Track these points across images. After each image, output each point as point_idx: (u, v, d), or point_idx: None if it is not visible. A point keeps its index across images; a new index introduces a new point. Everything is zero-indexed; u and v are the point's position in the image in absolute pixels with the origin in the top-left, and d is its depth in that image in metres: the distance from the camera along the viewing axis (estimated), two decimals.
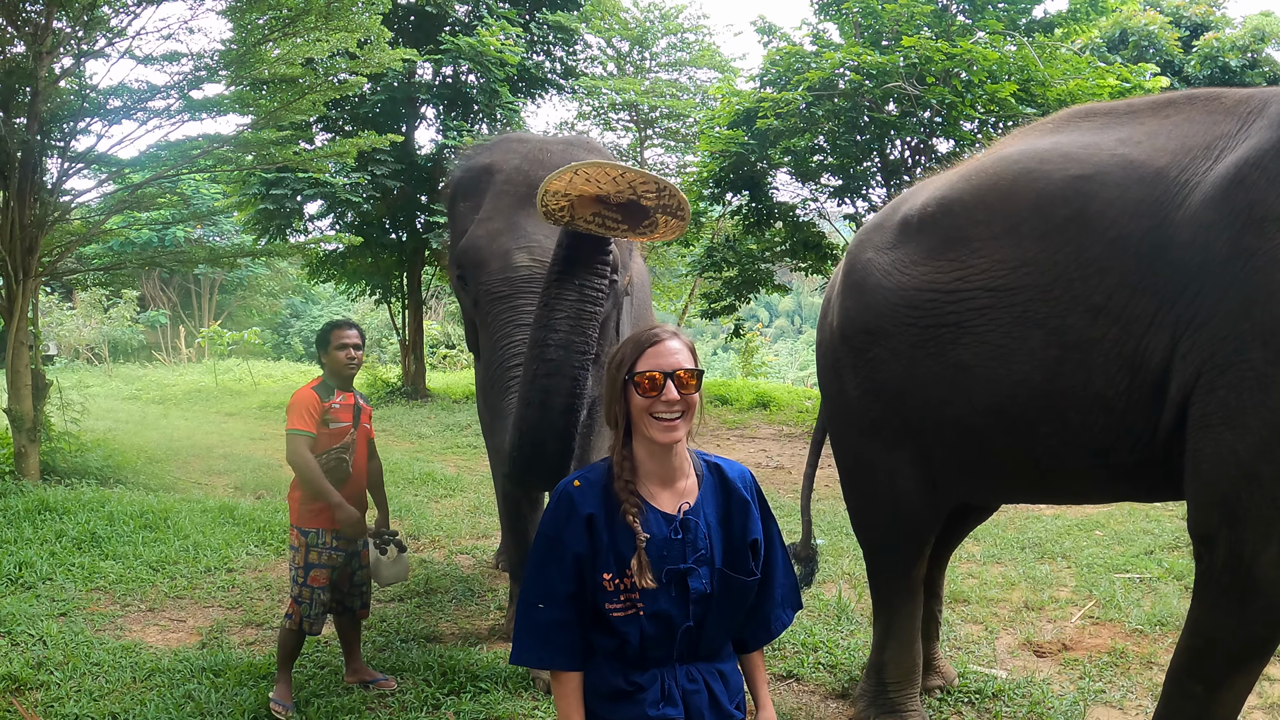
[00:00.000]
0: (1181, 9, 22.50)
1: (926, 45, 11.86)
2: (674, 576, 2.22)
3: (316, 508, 4.31)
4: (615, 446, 2.29)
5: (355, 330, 4.49)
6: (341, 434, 4.39)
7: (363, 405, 4.57)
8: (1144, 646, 5.10)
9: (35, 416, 8.44)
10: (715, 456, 2.40)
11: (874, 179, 14.38)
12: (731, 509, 2.33)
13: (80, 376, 20.79)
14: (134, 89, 9.07)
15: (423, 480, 9.64)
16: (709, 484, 2.33)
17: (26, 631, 5.10)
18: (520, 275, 4.09)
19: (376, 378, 18.36)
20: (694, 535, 2.25)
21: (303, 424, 4.28)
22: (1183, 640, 3.12)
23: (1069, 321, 3.08)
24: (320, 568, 4.33)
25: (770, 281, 15.38)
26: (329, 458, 4.33)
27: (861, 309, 3.77)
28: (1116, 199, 3.05)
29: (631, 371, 2.20)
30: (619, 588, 2.19)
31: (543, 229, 4.08)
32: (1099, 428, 3.12)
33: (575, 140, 4.49)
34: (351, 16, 9.31)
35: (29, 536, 6.76)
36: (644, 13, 21.47)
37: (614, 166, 2.80)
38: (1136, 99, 3.46)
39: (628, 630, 2.21)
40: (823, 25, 15.67)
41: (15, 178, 8.34)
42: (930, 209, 3.59)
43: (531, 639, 2.24)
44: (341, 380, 4.46)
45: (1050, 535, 7.48)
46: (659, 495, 2.26)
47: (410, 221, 17.01)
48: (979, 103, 12.20)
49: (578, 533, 2.20)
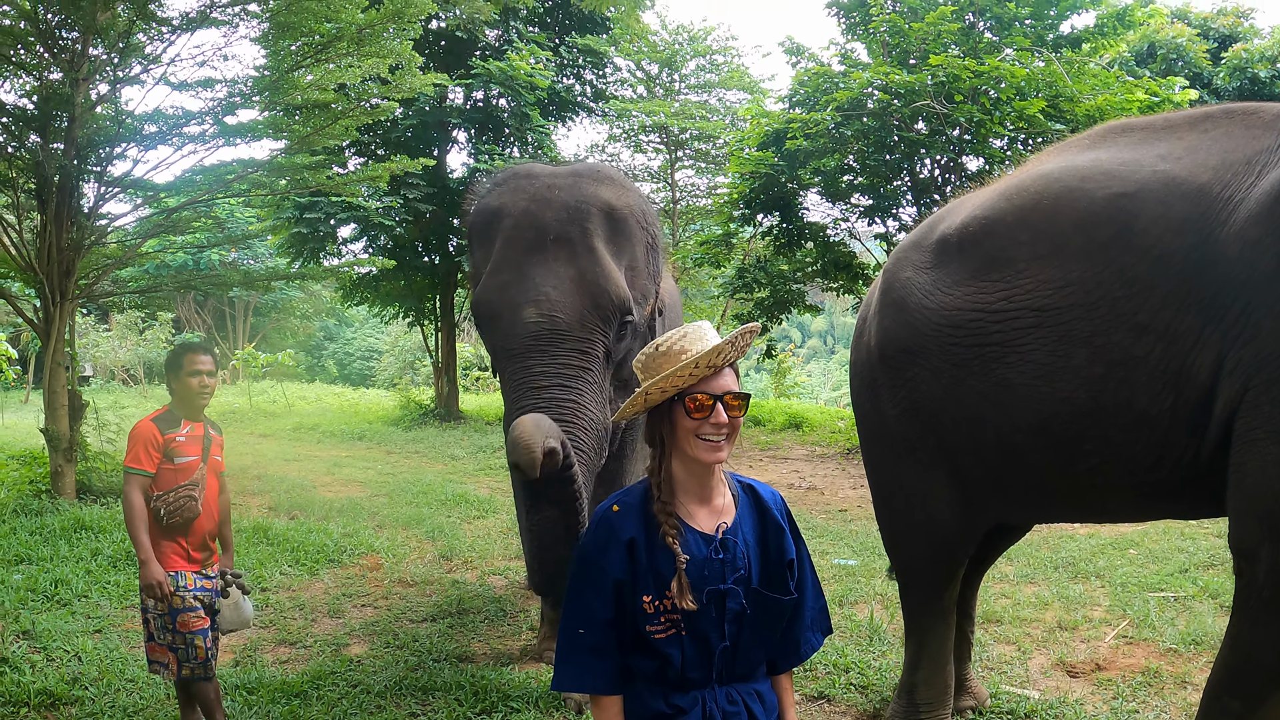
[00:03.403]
0: (1209, 20, 22.36)
1: (954, 63, 11.84)
2: (714, 597, 2.22)
3: (171, 548, 4.00)
4: (653, 467, 2.30)
5: (209, 356, 4.18)
6: (190, 469, 4.04)
7: (213, 435, 4.23)
8: (1178, 666, 5.03)
9: (72, 436, 8.54)
10: (746, 478, 2.41)
11: (904, 198, 14.33)
12: (767, 529, 2.33)
13: (115, 397, 20.97)
14: (169, 115, 9.20)
15: (456, 501, 9.67)
16: (745, 504, 2.34)
17: (62, 648, 5.14)
18: (529, 332, 4.01)
19: (410, 399, 18.47)
20: (733, 555, 2.25)
21: (138, 461, 3.94)
22: (1221, 656, 3.08)
23: (1114, 339, 3.07)
24: (189, 611, 3.96)
25: (802, 302, 15.33)
26: (176, 495, 3.99)
27: (901, 328, 3.75)
28: (1160, 216, 3.04)
29: (682, 393, 2.21)
30: (659, 609, 2.19)
31: (550, 280, 4.01)
32: (1142, 445, 3.10)
33: (583, 171, 4.41)
34: (383, 43, 9.42)
35: (65, 554, 6.83)
36: (673, 35, 21.56)
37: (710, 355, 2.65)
38: (1173, 113, 3.44)
39: (670, 651, 2.21)
40: (850, 45, 15.68)
41: (53, 202, 8.48)
42: (972, 229, 3.57)
43: (572, 664, 2.25)
44: (190, 409, 4.12)
45: (1084, 554, 7.39)
46: (696, 514, 2.26)
47: (443, 244, 17.15)
48: (1008, 120, 12.16)
49: (618, 558, 2.21)
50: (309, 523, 8.23)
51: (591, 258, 4.01)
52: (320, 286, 31.45)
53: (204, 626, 3.98)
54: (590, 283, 3.95)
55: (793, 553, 2.35)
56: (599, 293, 3.94)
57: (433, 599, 6.36)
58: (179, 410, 4.11)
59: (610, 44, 18.35)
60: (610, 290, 3.95)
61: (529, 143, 16.68)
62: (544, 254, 4.04)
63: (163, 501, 3.95)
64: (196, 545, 4.07)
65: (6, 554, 6.76)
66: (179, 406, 4.11)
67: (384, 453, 14.36)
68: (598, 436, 3.89)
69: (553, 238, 4.06)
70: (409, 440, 15.46)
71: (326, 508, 9.09)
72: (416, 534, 8.18)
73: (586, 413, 3.82)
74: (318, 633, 5.65)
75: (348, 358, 46.55)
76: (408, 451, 14.38)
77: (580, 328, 3.92)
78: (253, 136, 10.08)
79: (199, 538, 4.07)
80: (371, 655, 5.23)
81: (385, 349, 43.27)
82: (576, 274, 3.98)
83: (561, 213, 4.11)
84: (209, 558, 4.14)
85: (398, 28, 9.47)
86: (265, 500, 9.55)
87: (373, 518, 8.78)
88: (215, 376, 4.21)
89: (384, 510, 9.13)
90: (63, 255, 8.48)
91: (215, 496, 4.19)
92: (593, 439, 3.85)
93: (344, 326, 47.07)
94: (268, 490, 10.03)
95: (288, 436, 16.80)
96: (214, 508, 4.17)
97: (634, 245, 4.23)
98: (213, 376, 4.16)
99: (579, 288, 3.95)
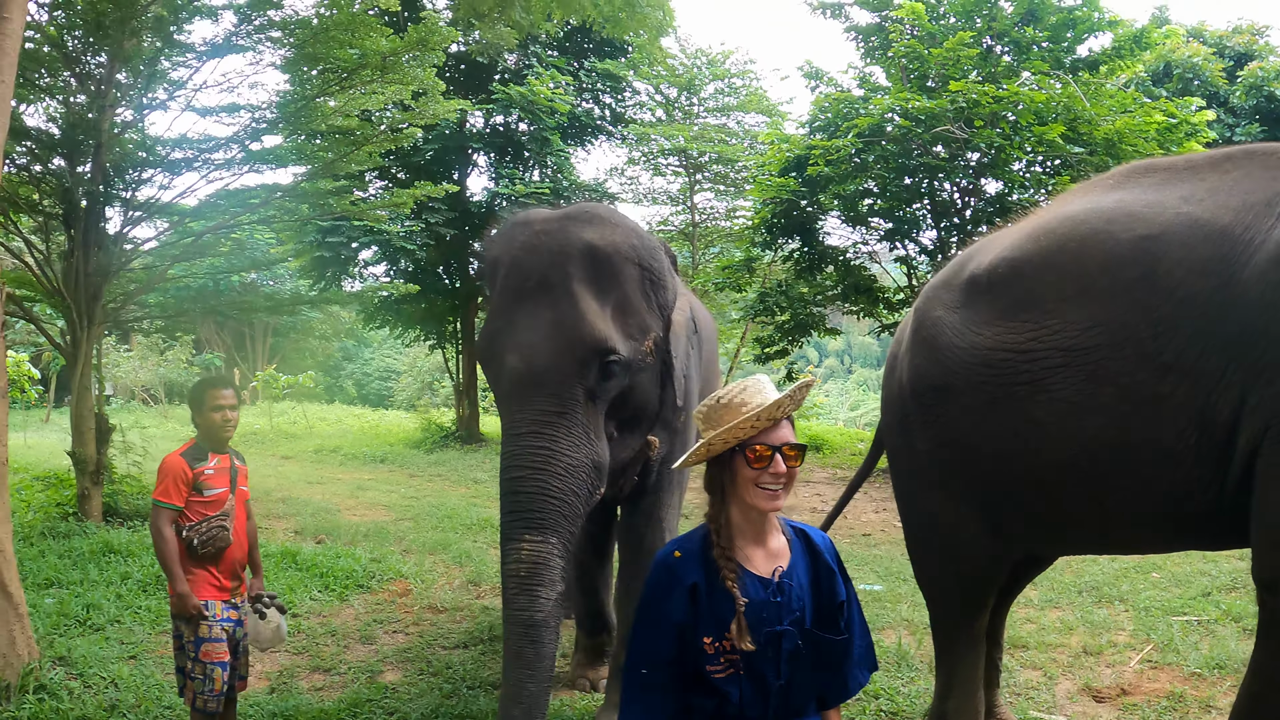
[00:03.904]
0: (1225, 39, 22.38)
1: (974, 89, 11.90)
2: (771, 638, 2.32)
3: (202, 578, 4.08)
4: (713, 513, 2.39)
5: (230, 390, 4.28)
6: (220, 501, 4.14)
7: (239, 466, 4.32)
8: (1203, 690, 5.04)
9: (99, 460, 8.60)
10: (798, 523, 2.52)
11: (924, 221, 14.38)
12: (820, 572, 2.45)
13: (136, 417, 21.06)
14: (195, 140, 9.30)
15: (481, 526, 9.65)
16: (798, 548, 2.45)
17: (98, 674, 5.16)
18: (510, 378, 4.07)
19: (430, 422, 18.51)
20: (789, 597, 2.36)
21: (167, 495, 4.02)
22: (1245, 685, 3.13)
23: (1140, 378, 3.12)
24: (218, 641, 4.03)
25: (822, 325, 15.38)
26: (208, 526, 4.07)
27: (932, 366, 3.80)
28: (1184, 259, 3.09)
29: (742, 444, 2.31)
30: (719, 650, 2.30)
31: (530, 326, 4.07)
32: (1168, 480, 3.15)
33: (572, 214, 4.41)
34: (407, 70, 9.50)
35: (95, 578, 6.84)
36: (691, 59, 21.62)
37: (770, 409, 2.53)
38: (1195, 154, 3.51)
39: (729, 690, 2.31)
40: (869, 69, 15.75)
41: (81, 226, 8.55)
42: (1000, 270, 3.62)
43: (637, 703, 2.35)
44: (215, 442, 4.20)
45: (1108, 578, 7.40)
46: (753, 558, 2.37)
47: (463, 267, 17.27)
48: (1027, 144, 12.20)
49: (680, 602, 2.32)
50: (336, 547, 8.25)
51: (569, 301, 4.04)
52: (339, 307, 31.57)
53: (225, 660, 4.02)
54: (567, 326, 3.99)
55: (844, 594, 2.46)
56: (574, 336, 3.97)
57: (463, 625, 6.39)
58: (205, 443, 4.19)
59: (629, 68, 18.47)
60: (585, 333, 3.98)
61: (549, 166, 16.80)
62: (529, 300, 4.10)
63: (195, 532, 4.04)
64: (227, 574, 4.15)
65: (36, 577, 6.76)
66: (204, 440, 4.19)
67: (406, 475, 14.40)
68: (581, 477, 3.94)
69: (535, 283, 4.12)
70: (431, 463, 15.51)
71: (352, 532, 9.12)
72: (444, 559, 8.20)
73: (560, 458, 3.87)
74: (351, 659, 5.68)
75: (366, 378, 46.67)
76: (430, 475, 14.43)
77: (556, 372, 3.96)
78: (278, 163, 10.18)
79: (229, 567, 4.16)
80: (406, 683, 5.26)
81: (403, 370, 43.38)
82: (554, 318, 4.02)
83: (546, 258, 4.15)
84: (238, 587, 4.22)
85: (421, 55, 9.56)
86: (291, 524, 9.59)
87: (399, 542, 8.81)
88: (237, 409, 4.27)
89: (410, 535, 9.15)
90: (90, 280, 8.54)
91: (244, 525, 4.28)
92: (571, 481, 3.90)
93: (362, 347, 47.18)
94: (293, 514, 10.08)
95: (310, 459, 16.86)
96: (243, 536, 4.26)
97: (622, 283, 4.23)
98: (234, 409, 4.24)
99: (556, 332, 3.99)
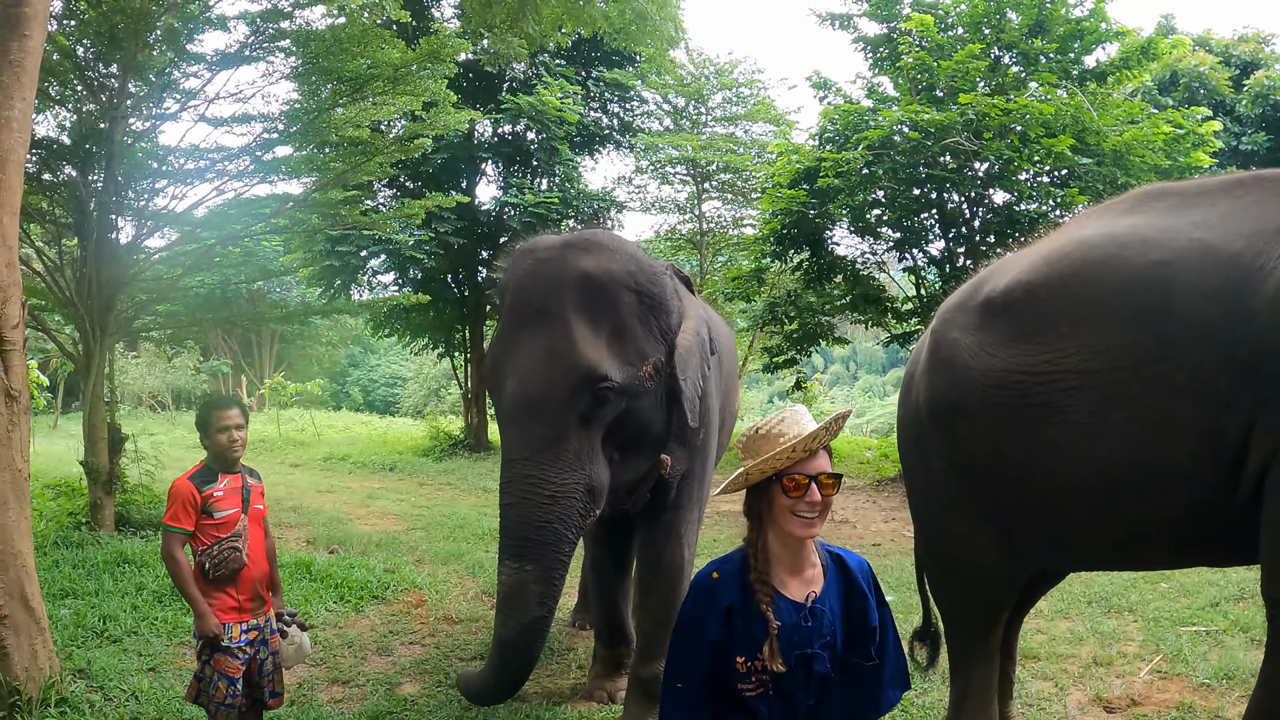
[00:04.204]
0: (1230, 48, 22.43)
1: (983, 101, 11.92)
2: (801, 660, 2.39)
3: (220, 601, 4.05)
4: (750, 539, 2.46)
5: (237, 409, 4.23)
6: (231, 522, 4.08)
7: (252, 485, 4.26)
8: (1212, 701, 5.08)
9: (111, 469, 8.63)
10: (836, 547, 2.58)
11: (932, 231, 14.41)
12: (853, 598, 2.51)
13: (144, 424, 21.14)
14: (207, 150, 9.37)
15: (493, 536, 9.50)
16: (832, 573, 2.51)
17: (118, 686, 5.18)
18: (508, 403, 4.27)
19: (439, 430, 18.56)
20: (820, 622, 2.43)
21: (176, 519, 3.98)
22: (1255, 697, 3.20)
23: (1152, 401, 3.18)
24: (229, 655, 4.02)
25: (831, 334, 15.40)
26: (220, 549, 4.03)
27: (949, 387, 3.86)
28: (1195, 284, 3.15)
29: (779, 473, 2.38)
30: (751, 669, 2.38)
31: (526, 353, 4.22)
32: (1179, 500, 3.21)
33: (573, 241, 4.56)
34: (418, 81, 9.55)
35: (109, 589, 6.85)
36: (699, 69, 21.65)
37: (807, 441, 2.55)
38: (1208, 179, 3.58)
39: (759, 708, 2.40)
40: (877, 80, 15.76)
41: (93, 236, 8.60)
42: (1016, 293, 3.68)
43: (672, 717, 2.44)
44: (225, 463, 4.15)
45: (1116, 589, 7.43)
46: (788, 583, 2.44)
47: (472, 276, 17.33)
48: (1036, 155, 12.23)
49: (716, 622, 2.41)
50: (350, 557, 8.27)
51: (563, 329, 4.17)
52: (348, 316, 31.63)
53: (235, 675, 4.01)
54: (559, 353, 4.13)
55: (876, 619, 2.51)
56: (566, 363, 4.11)
57: (479, 636, 6.40)
58: (214, 464, 4.15)
59: (637, 78, 18.52)
60: (576, 360, 4.11)
61: (557, 175, 16.83)
62: (528, 327, 4.26)
63: (207, 555, 4.01)
64: (248, 595, 4.11)
65: (51, 588, 6.76)
66: (214, 461, 4.16)
67: (416, 484, 14.43)
68: (570, 502, 4.11)
69: (534, 311, 4.27)
70: (440, 472, 15.55)
71: (365, 541, 9.13)
72: (457, 569, 8.22)
73: (547, 486, 4.07)
74: (368, 671, 5.71)
75: (372, 384, 46.75)
76: (440, 483, 14.45)
77: (549, 398, 4.11)
78: (289, 173, 10.23)
79: (249, 587, 4.12)
80: (425, 695, 5.30)
81: (409, 376, 43.44)
82: (548, 345, 4.16)
83: (544, 285, 4.31)
84: (260, 606, 4.18)
85: (433, 66, 9.61)
86: (303, 533, 9.61)
87: (412, 552, 8.81)
88: (245, 428, 4.23)
89: (422, 545, 9.16)
90: (103, 290, 8.59)
91: (261, 544, 4.23)
92: (556, 509, 4.08)
93: (369, 354, 47.26)
94: (304, 523, 10.10)
95: (319, 467, 16.91)
96: (261, 555, 4.21)
97: (617, 310, 4.34)
98: (242, 429, 4.19)
99: (549, 359, 4.14)
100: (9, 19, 4.89)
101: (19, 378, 4.85)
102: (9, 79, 4.83)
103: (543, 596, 4.06)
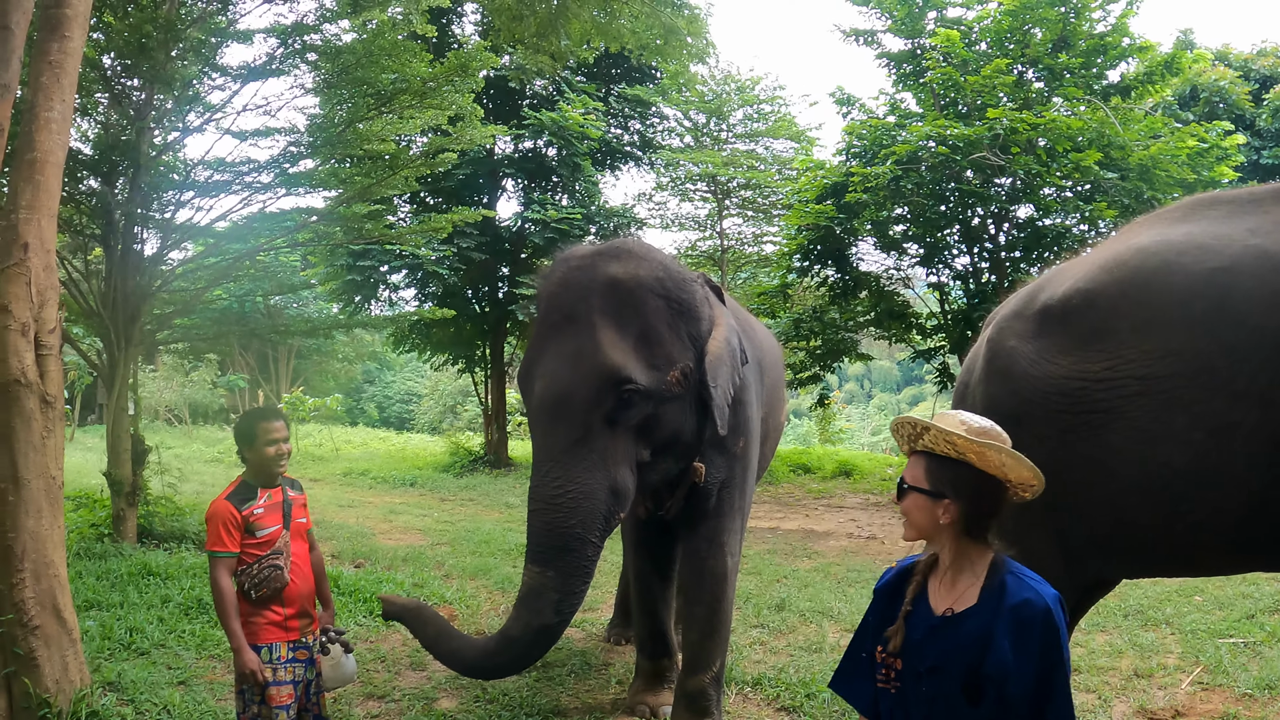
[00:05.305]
0: (1250, 62, 22.43)
1: (1011, 116, 11.90)
2: (912, 669, 2.34)
3: (264, 619, 3.87)
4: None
5: (281, 421, 4.06)
6: (272, 539, 3.89)
7: (293, 498, 4.07)
8: (1255, 711, 5.06)
9: (134, 481, 8.60)
10: (1030, 582, 2.30)
11: (956, 246, 14.38)
12: (993, 631, 2.23)
13: (161, 437, 21.14)
14: (232, 163, 9.39)
15: (519, 551, 9.45)
16: (988, 603, 2.27)
17: (149, 699, 5.10)
18: (536, 407, 4.33)
19: (459, 446, 18.54)
20: (939, 641, 2.31)
21: (220, 543, 3.80)
22: None
23: (1212, 406, 3.21)
24: (281, 685, 3.83)
25: (854, 350, 15.37)
26: (260, 568, 3.84)
27: (1007, 395, 3.84)
28: (1254, 290, 3.19)
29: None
30: (882, 661, 2.39)
31: (555, 357, 4.27)
32: (1237, 504, 3.24)
33: (604, 249, 4.60)
34: (444, 95, 9.56)
35: (135, 601, 6.80)
36: (720, 85, 21.66)
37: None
38: (1257, 188, 3.66)
39: (882, 702, 2.44)
40: (900, 95, 15.76)
41: (118, 247, 8.60)
42: (1075, 301, 3.68)
43: (845, 672, 2.59)
44: (268, 477, 3.98)
45: (1151, 602, 7.40)
46: (938, 592, 2.38)
47: (493, 292, 17.35)
48: (1062, 169, 12.20)
49: (877, 606, 2.51)
50: (377, 572, 8.23)
51: (590, 333, 4.21)
52: (366, 331, 31.75)
53: (288, 703, 3.81)
54: (585, 356, 4.16)
55: (1007, 665, 2.20)
56: (591, 365, 4.14)
57: None
58: (255, 479, 3.97)
59: (658, 94, 18.55)
60: (601, 363, 4.13)
61: (578, 192, 16.83)
62: (558, 332, 4.32)
63: (247, 576, 3.82)
64: (295, 613, 3.92)
65: (76, 599, 6.59)
66: (254, 476, 3.98)
67: (438, 500, 14.40)
68: (593, 503, 4.12)
69: (563, 316, 4.33)
70: (461, 487, 15.54)
71: (390, 556, 9.08)
72: (485, 584, 8.15)
73: (570, 488, 4.08)
74: (404, 686, 5.64)
75: (388, 400, 46.84)
76: (462, 499, 14.43)
77: (576, 399, 4.15)
78: (314, 186, 10.23)
79: (296, 604, 3.92)
80: (463, 710, 5.23)
81: (425, 393, 43.51)
82: (575, 348, 4.20)
83: (575, 292, 4.36)
84: (308, 625, 3.99)
85: (460, 80, 9.62)
86: (327, 548, 9.54)
87: (438, 567, 8.76)
88: (289, 440, 4.08)
89: (449, 560, 9.10)
90: (128, 301, 8.58)
91: (306, 558, 4.05)
92: (578, 513, 4.09)
93: (385, 370, 47.36)
94: (329, 537, 10.04)
95: (339, 481, 16.89)
96: (306, 569, 4.02)
97: (645, 315, 4.36)
98: (287, 441, 4.04)
99: (576, 361, 4.17)
100: (49, 20, 4.89)
101: (55, 383, 4.79)
102: (49, 80, 4.81)
103: (560, 605, 4.05)
